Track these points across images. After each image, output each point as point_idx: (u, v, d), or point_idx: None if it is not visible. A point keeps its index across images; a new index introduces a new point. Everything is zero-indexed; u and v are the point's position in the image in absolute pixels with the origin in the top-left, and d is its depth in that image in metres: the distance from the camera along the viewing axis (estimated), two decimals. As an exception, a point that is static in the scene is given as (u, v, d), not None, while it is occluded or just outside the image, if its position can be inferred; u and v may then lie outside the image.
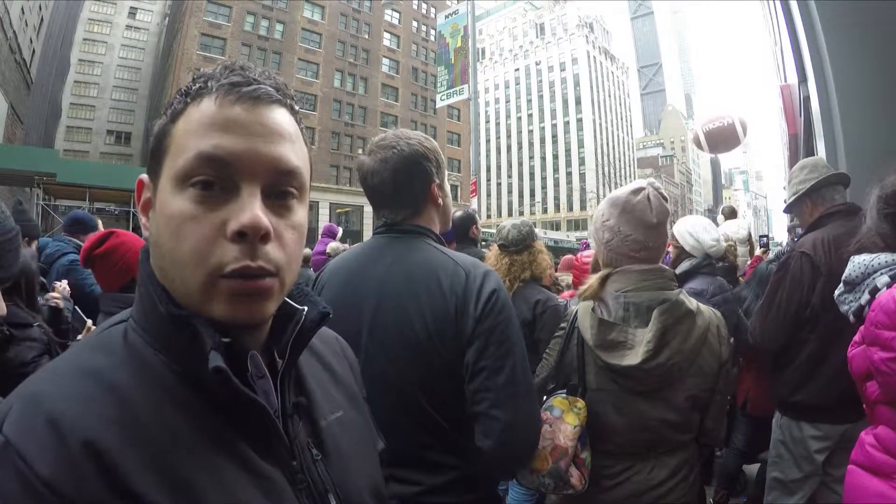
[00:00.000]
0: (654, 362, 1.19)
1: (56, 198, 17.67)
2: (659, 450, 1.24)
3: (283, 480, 0.51)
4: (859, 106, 2.82)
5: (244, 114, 0.49)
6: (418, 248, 1.10)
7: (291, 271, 0.52)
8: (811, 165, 2.01)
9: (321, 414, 0.60)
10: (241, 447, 0.48)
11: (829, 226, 1.85)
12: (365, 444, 0.67)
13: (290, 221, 0.52)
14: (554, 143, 68.66)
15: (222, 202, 0.48)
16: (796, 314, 1.83)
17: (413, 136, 1.15)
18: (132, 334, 0.50)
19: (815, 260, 1.77)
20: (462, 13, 12.00)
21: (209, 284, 0.47)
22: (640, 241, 1.27)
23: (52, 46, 29.53)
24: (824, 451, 1.78)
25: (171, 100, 0.52)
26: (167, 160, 0.50)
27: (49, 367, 0.48)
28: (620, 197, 1.30)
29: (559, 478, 1.18)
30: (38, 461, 0.38)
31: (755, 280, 2.88)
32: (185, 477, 0.43)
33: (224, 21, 29.35)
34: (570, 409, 1.22)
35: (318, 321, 0.58)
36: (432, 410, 1.00)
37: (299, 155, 0.53)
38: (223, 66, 0.52)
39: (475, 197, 10.24)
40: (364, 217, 30.61)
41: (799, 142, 6.80)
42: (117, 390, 0.44)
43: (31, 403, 0.42)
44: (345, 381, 0.69)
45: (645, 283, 1.26)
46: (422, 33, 39.05)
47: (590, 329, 1.26)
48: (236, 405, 0.48)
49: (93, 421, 0.41)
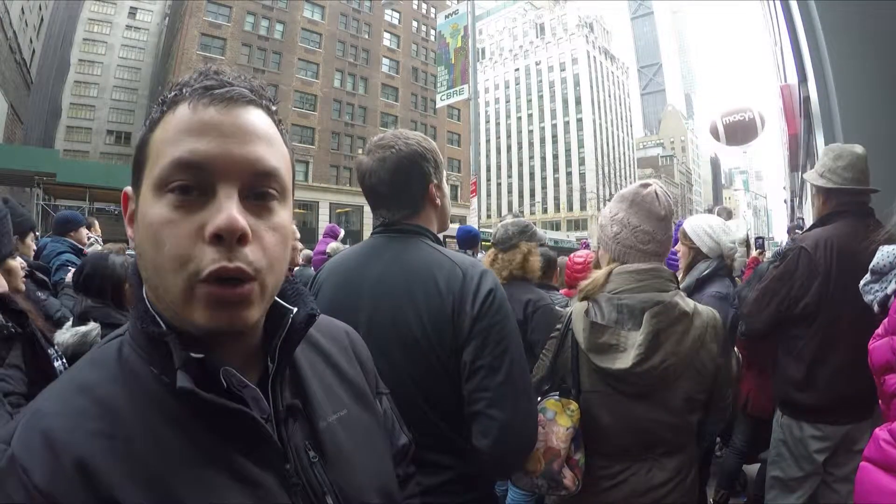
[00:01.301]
0: (647, 365, 1.18)
1: (56, 198, 17.66)
2: (657, 451, 1.24)
3: (276, 484, 0.51)
4: (859, 106, 2.82)
5: (218, 116, 0.49)
6: (416, 248, 1.10)
7: (274, 274, 0.51)
8: (849, 162, 1.81)
9: (321, 415, 0.59)
10: (230, 454, 0.49)
11: (837, 224, 1.81)
12: (372, 443, 0.65)
13: (271, 223, 0.51)
14: (554, 143, 68.66)
15: (200, 206, 0.48)
16: (780, 308, 1.83)
17: (412, 136, 1.15)
18: (126, 348, 0.51)
19: (814, 259, 1.76)
20: (462, 13, 12.01)
21: (188, 289, 0.47)
22: (649, 233, 1.28)
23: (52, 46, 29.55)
24: (825, 452, 1.78)
25: (149, 110, 0.53)
26: (146, 170, 0.50)
27: (53, 384, 0.50)
28: (629, 191, 1.33)
29: (552, 479, 1.19)
30: (36, 474, 0.41)
31: (755, 279, 2.89)
32: (173, 487, 0.45)
33: (224, 21, 29.34)
34: (563, 411, 1.22)
35: (306, 322, 0.58)
36: (429, 410, 1.00)
37: (277, 156, 0.53)
38: (198, 71, 0.52)
39: (475, 197, 10.25)
40: (364, 217, 30.60)
41: (799, 142, 6.80)
42: (107, 404, 0.46)
43: (33, 419, 0.45)
44: (351, 378, 0.67)
45: (641, 283, 1.26)
46: (422, 33, 39.04)
47: (582, 332, 1.26)
48: (224, 413, 0.49)
49: (82, 436, 0.44)
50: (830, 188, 1.84)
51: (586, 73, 67.58)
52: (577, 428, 1.22)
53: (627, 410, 1.23)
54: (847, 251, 1.71)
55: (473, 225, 9.92)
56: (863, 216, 1.79)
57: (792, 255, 1.83)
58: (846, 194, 1.83)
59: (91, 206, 17.19)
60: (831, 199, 1.88)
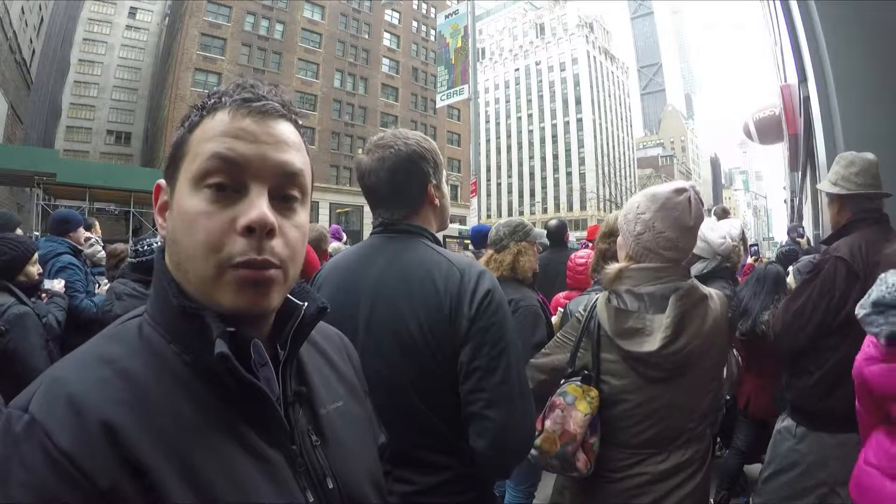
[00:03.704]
0: (673, 347, 1.22)
1: (56, 198, 17.66)
2: (677, 442, 1.26)
3: (284, 464, 0.55)
4: (859, 106, 2.82)
5: (254, 125, 0.55)
6: (414, 248, 1.10)
7: (295, 265, 0.57)
8: (861, 168, 1.84)
9: (321, 402, 0.64)
10: (245, 431, 0.53)
11: (862, 231, 1.80)
12: (364, 436, 0.70)
13: (294, 222, 0.57)
14: (554, 143, 68.64)
15: (233, 202, 0.53)
16: (822, 320, 1.77)
17: (411, 136, 1.15)
18: (147, 328, 0.54)
19: (853, 265, 1.72)
20: (462, 13, 12.01)
21: (218, 273, 0.52)
22: (672, 240, 1.27)
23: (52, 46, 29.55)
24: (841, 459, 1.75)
25: (189, 113, 0.58)
26: (184, 165, 0.55)
27: (71, 355, 0.52)
28: (662, 193, 1.29)
29: (565, 461, 1.24)
30: (60, 436, 0.43)
31: (753, 279, 2.89)
32: (192, 455, 0.48)
33: (224, 21, 29.34)
34: (583, 396, 1.26)
35: (317, 315, 0.63)
36: (427, 410, 1.00)
37: (303, 161, 0.59)
38: (235, 84, 0.58)
39: (475, 197, 10.24)
40: (364, 217, 30.59)
41: (799, 142, 6.80)
42: (130, 376, 0.49)
43: (54, 385, 0.47)
44: (346, 375, 0.72)
45: (660, 279, 1.29)
46: (422, 33, 39.04)
47: (607, 319, 1.29)
48: (241, 392, 0.52)
49: (108, 402, 0.46)
50: (844, 195, 1.85)
51: (586, 73, 67.58)
52: (594, 414, 1.25)
53: (651, 398, 1.25)
54: (882, 257, 1.70)
55: (473, 225, 9.92)
56: (881, 223, 1.80)
57: (829, 266, 1.78)
58: (861, 199, 1.83)
59: (91, 206, 17.21)
60: (846, 207, 1.88)
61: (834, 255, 1.79)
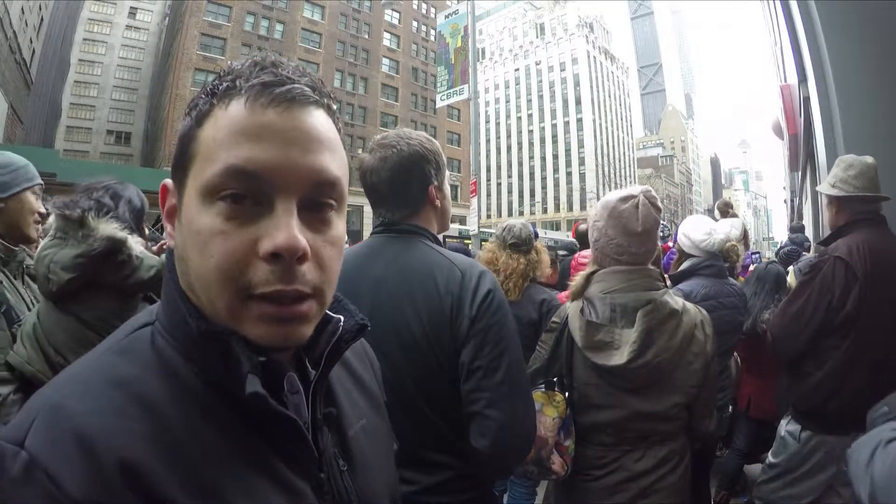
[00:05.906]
0: (640, 361, 1.26)
1: (56, 198, 17.65)
2: (650, 440, 1.30)
3: (310, 493, 0.49)
4: (859, 106, 2.81)
5: (278, 119, 0.44)
6: (415, 248, 1.10)
7: (331, 288, 0.48)
8: (860, 171, 1.86)
9: (349, 424, 0.58)
10: (272, 460, 0.46)
11: (861, 231, 1.81)
12: (386, 450, 0.66)
13: (328, 237, 0.47)
14: (554, 143, 68.62)
15: (255, 217, 0.43)
16: (822, 321, 1.77)
17: (415, 136, 1.15)
18: (159, 339, 0.46)
19: (852, 265, 1.73)
20: (462, 13, 11.99)
21: (237, 304, 0.43)
22: (623, 246, 1.33)
23: (52, 46, 29.56)
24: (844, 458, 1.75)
25: (196, 99, 0.47)
26: (193, 168, 0.45)
27: (72, 375, 0.43)
28: (611, 201, 1.37)
29: (541, 465, 1.29)
30: (70, 482, 0.35)
31: (753, 278, 2.90)
32: (218, 491, 0.41)
33: (224, 21, 29.35)
34: (548, 402, 1.32)
35: (356, 333, 0.55)
36: (428, 410, 1.00)
37: (339, 163, 0.48)
38: (252, 61, 0.46)
39: (475, 197, 10.24)
40: (364, 217, 30.59)
41: (799, 142, 6.80)
42: (148, 403, 0.41)
43: (56, 416, 0.38)
44: (368, 386, 0.66)
45: (630, 283, 1.33)
46: (422, 33, 39.05)
47: (579, 331, 1.33)
48: (268, 419, 0.46)
49: (126, 437, 0.38)
50: (842, 196, 1.88)
51: (586, 73, 67.57)
52: (563, 418, 1.31)
53: (622, 403, 1.30)
54: (880, 256, 1.71)
55: (473, 225, 9.92)
56: (878, 223, 1.82)
57: (827, 266, 1.79)
58: (858, 202, 1.85)
59: (91, 206, 17.16)
60: (844, 208, 1.90)
61: (833, 254, 1.79)
